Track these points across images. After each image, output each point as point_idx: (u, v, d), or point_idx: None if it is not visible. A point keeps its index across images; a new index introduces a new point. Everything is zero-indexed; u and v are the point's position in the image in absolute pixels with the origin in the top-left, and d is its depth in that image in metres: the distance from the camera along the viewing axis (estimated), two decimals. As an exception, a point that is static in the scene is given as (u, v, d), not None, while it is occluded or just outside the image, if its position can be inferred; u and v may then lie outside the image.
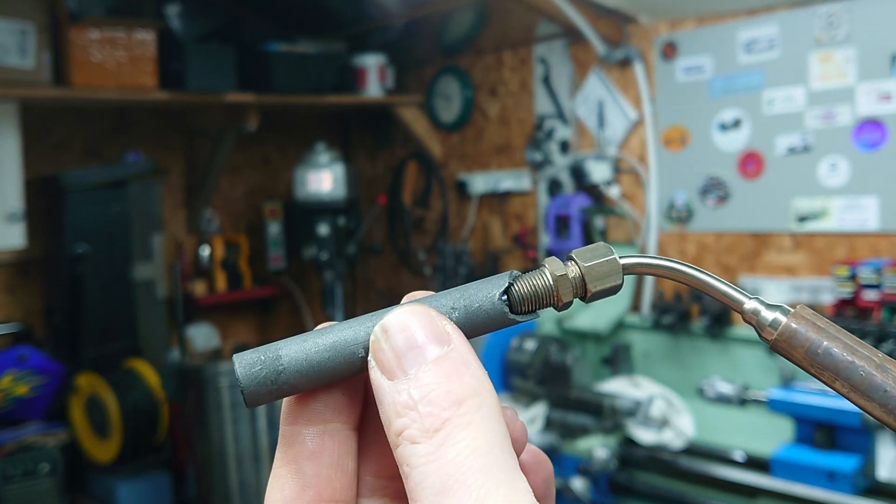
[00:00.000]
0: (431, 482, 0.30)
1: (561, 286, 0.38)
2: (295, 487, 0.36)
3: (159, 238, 4.14)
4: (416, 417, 0.31)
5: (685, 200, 3.64)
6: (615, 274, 0.38)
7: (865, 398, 0.35)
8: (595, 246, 0.39)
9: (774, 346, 0.37)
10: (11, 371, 3.52)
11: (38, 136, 4.05)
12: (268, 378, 0.36)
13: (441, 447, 0.31)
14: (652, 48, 3.69)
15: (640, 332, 3.52)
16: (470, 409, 0.31)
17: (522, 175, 4.25)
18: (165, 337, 4.20)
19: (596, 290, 0.38)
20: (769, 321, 0.37)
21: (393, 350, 0.33)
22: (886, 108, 3.03)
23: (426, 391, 0.32)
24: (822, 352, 0.36)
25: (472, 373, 0.33)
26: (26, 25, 3.51)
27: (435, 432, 0.31)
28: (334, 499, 0.36)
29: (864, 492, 2.52)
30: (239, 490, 3.62)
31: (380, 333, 0.34)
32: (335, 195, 4.42)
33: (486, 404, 0.32)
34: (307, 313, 5.12)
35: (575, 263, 0.38)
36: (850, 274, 2.88)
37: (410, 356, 0.33)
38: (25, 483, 3.40)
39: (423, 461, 0.31)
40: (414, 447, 0.31)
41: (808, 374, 0.37)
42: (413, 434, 0.31)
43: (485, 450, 0.30)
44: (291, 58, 4.21)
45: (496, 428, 0.31)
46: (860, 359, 0.35)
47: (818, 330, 0.36)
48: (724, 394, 3.05)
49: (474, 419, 0.31)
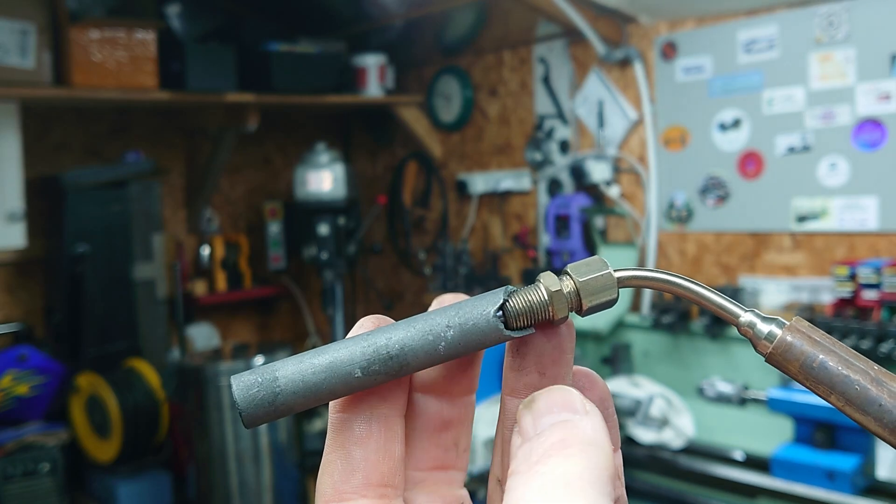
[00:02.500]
0: (514, 497, 0.32)
1: (556, 301, 0.38)
2: (344, 472, 0.37)
3: (159, 238, 4.14)
4: (525, 454, 0.33)
5: (685, 200, 3.64)
6: (610, 288, 0.38)
7: (860, 412, 0.36)
8: (590, 260, 0.39)
9: (770, 359, 0.37)
10: (12, 371, 3.52)
11: (38, 136, 4.05)
12: (265, 400, 0.36)
13: (536, 473, 0.32)
14: (652, 48, 3.69)
15: (639, 331, 3.52)
16: (575, 451, 0.33)
17: (522, 175, 4.25)
18: (166, 337, 4.20)
19: (591, 305, 0.38)
20: (765, 334, 0.37)
21: (533, 415, 0.35)
22: (886, 108, 3.03)
23: (544, 438, 0.34)
24: (817, 365, 0.36)
25: (594, 428, 0.34)
26: (26, 25, 3.51)
27: (536, 464, 0.33)
28: (382, 483, 0.37)
29: (863, 491, 2.53)
30: (239, 490, 3.62)
31: (523, 407, 0.36)
32: (335, 195, 4.42)
33: (595, 455, 0.33)
34: (307, 313, 5.12)
35: (570, 278, 0.39)
36: (850, 274, 2.88)
37: (546, 419, 0.35)
38: (26, 483, 3.40)
39: (516, 483, 0.32)
40: (514, 476, 0.33)
41: (805, 388, 0.37)
42: (518, 466, 0.33)
43: (575, 479, 0.31)
44: (291, 58, 4.21)
45: (596, 471, 0.32)
46: (855, 372, 0.35)
47: (813, 343, 0.36)
48: (723, 393, 3.05)
49: (576, 458, 0.32)
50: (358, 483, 0.37)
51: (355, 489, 0.36)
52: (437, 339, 0.37)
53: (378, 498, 0.37)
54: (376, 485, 0.37)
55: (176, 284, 4.16)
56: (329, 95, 4.38)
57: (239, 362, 3.63)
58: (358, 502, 0.36)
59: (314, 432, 4.08)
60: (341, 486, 0.37)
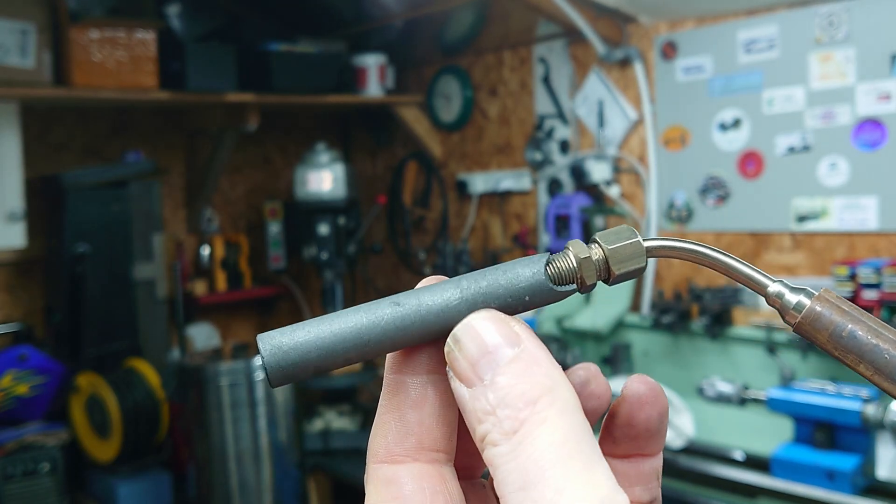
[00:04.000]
0: (513, 479, 0.31)
1: (585, 268, 0.38)
2: (398, 434, 0.37)
3: (159, 238, 4.14)
4: (495, 422, 0.33)
5: (685, 200, 3.64)
6: (639, 256, 0.38)
7: (890, 381, 0.36)
8: (619, 228, 0.39)
9: (798, 328, 0.37)
10: (12, 371, 3.52)
11: (38, 136, 4.05)
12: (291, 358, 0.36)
13: (520, 446, 0.32)
14: (652, 48, 3.69)
15: (639, 331, 3.52)
16: (544, 405, 0.32)
17: (522, 175, 4.25)
18: (166, 337, 4.20)
19: (620, 273, 0.38)
20: (793, 304, 0.37)
21: (467, 359, 0.34)
22: (886, 108, 3.03)
23: (502, 395, 0.33)
24: (846, 335, 0.36)
25: (545, 370, 0.33)
26: (27, 25, 3.51)
27: (514, 433, 0.32)
28: (435, 447, 0.37)
29: (863, 491, 2.53)
30: (239, 490, 3.62)
31: (452, 343, 0.35)
32: (335, 195, 4.42)
33: (560, 399, 0.33)
34: (307, 313, 5.12)
35: (599, 246, 0.39)
36: (850, 273, 2.88)
37: (483, 362, 0.34)
38: (26, 482, 3.40)
39: (504, 460, 0.32)
40: (496, 449, 0.32)
41: (832, 357, 0.37)
42: (495, 437, 0.33)
43: (561, 442, 0.31)
44: (291, 58, 4.21)
45: (572, 420, 0.32)
46: (884, 342, 0.36)
47: (842, 313, 0.36)
48: (723, 393, 3.05)
49: (549, 415, 0.32)
50: (411, 446, 0.37)
51: (407, 452, 0.37)
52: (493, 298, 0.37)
53: (429, 462, 0.37)
54: (429, 449, 0.37)
55: (176, 284, 4.16)
56: (329, 95, 4.38)
57: (239, 362, 3.63)
58: (410, 465, 0.37)
59: (314, 432, 4.08)
60: (394, 447, 0.37)
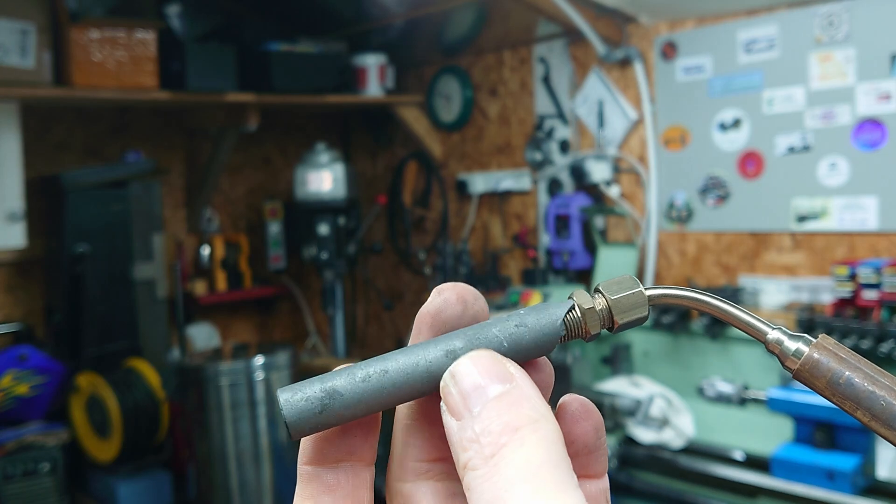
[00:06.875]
0: (486, 499, 0.32)
1: (589, 319, 0.40)
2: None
3: (159, 238, 4.14)
4: (478, 448, 0.33)
5: (685, 200, 3.64)
6: (641, 306, 0.40)
7: (886, 427, 0.37)
8: (621, 279, 0.41)
9: (797, 375, 0.39)
10: (12, 371, 3.52)
11: (38, 136, 4.05)
12: (310, 411, 0.37)
13: (495, 467, 0.32)
14: (652, 48, 3.69)
15: (639, 331, 3.52)
16: (526, 433, 0.33)
17: (522, 175, 4.25)
18: (166, 337, 4.20)
19: (623, 322, 0.40)
20: (792, 351, 0.39)
21: (459, 392, 0.35)
22: (886, 108, 3.03)
23: (486, 424, 0.34)
24: (843, 382, 0.37)
25: (532, 404, 0.34)
26: (27, 25, 3.51)
27: (492, 457, 0.33)
28: None
29: (863, 491, 2.52)
30: (239, 490, 3.62)
31: (448, 379, 0.36)
32: (335, 195, 4.42)
33: (543, 429, 0.33)
34: (307, 313, 5.13)
35: (602, 296, 0.40)
36: (850, 273, 2.88)
37: (474, 396, 0.35)
38: (26, 482, 3.40)
39: (479, 482, 0.32)
40: (474, 472, 0.33)
41: (831, 403, 0.38)
42: (475, 462, 0.33)
43: (536, 465, 0.32)
44: (291, 58, 4.21)
45: (550, 448, 0.33)
46: (881, 388, 0.37)
47: (840, 360, 0.38)
48: (723, 393, 3.05)
49: (529, 441, 0.32)
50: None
51: None
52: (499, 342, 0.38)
53: None
54: None
55: (176, 284, 4.16)
56: (329, 95, 4.38)
57: (239, 362, 3.63)
58: None
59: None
60: None
